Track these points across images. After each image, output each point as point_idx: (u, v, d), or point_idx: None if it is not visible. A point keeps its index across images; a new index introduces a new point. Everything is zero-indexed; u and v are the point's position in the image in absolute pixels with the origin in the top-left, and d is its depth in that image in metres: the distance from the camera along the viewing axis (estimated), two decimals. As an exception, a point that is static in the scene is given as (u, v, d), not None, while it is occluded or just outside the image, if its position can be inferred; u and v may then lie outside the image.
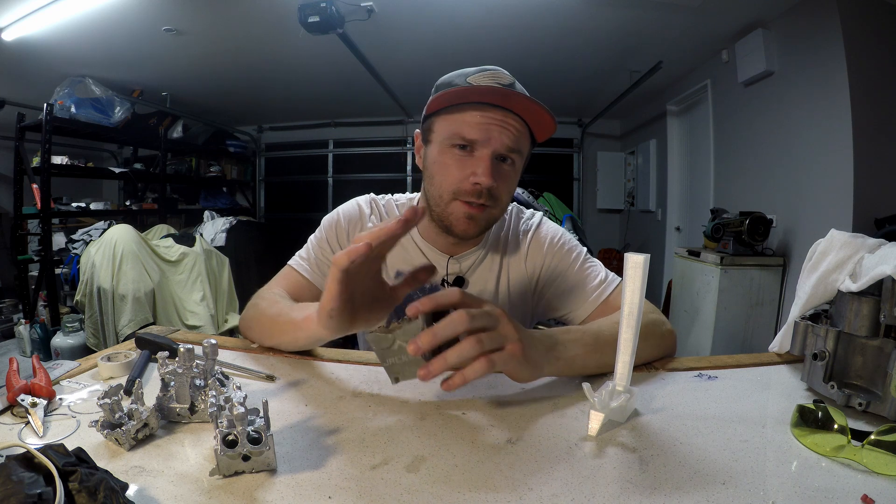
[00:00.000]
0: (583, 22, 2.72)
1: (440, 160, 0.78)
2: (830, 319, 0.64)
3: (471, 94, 0.73)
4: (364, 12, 2.56)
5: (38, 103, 3.01)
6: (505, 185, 0.78)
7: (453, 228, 0.79)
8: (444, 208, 0.78)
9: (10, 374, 0.56)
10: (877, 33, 2.15)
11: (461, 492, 0.41)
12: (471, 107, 0.74)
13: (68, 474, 0.34)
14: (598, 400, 0.51)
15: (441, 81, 0.80)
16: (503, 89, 0.72)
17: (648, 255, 0.51)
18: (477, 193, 0.75)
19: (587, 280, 0.87)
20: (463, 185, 0.76)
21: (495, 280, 0.90)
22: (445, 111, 0.77)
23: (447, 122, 0.77)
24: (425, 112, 0.81)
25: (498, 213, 0.81)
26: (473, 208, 0.76)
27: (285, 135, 5.59)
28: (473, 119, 0.74)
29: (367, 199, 0.95)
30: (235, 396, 0.43)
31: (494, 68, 0.77)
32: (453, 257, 0.88)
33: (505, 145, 0.75)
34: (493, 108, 0.74)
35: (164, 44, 2.95)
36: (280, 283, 0.87)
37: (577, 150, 5.32)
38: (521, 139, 0.77)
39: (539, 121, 0.77)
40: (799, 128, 2.44)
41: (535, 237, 0.92)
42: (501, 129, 0.74)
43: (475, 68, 0.78)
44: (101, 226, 3.18)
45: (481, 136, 0.74)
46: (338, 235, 0.91)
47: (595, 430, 0.50)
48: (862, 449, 0.44)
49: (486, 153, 0.74)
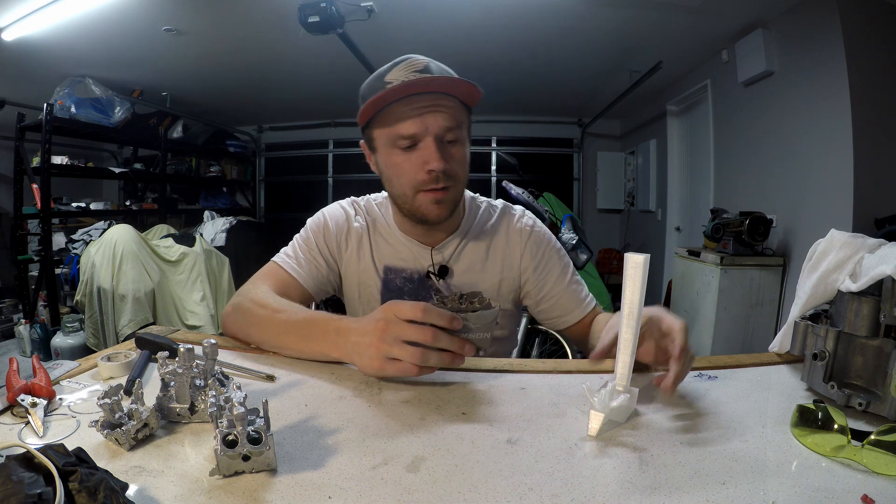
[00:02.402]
0: (583, 22, 2.72)
1: (390, 162, 0.82)
2: (830, 319, 0.64)
3: (391, 95, 0.75)
4: (364, 12, 2.56)
5: (38, 103, 3.01)
6: (457, 162, 0.81)
7: (427, 217, 0.83)
8: (411, 203, 0.83)
9: (10, 374, 0.56)
10: (877, 33, 2.15)
11: (461, 492, 0.41)
12: (397, 104, 0.77)
13: (68, 474, 0.34)
14: (598, 400, 0.50)
15: (363, 91, 0.83)
16: (419, 78, 0.75)
17: (648, 255, 0.52)
18: (434, 179, 0.79)
19: (579, 289, 0.95)
20: (419, 177, 0.79)
21: (481, 267, 0.93)
22: (377, 117, 0.80)
23: (383, 127, 0.80)
24: (360, 124, 0.84)
25: (461, 189, 0.86)
26: (437, 193, 0.80)
27: (285, 135, 5.59)
28: (404, 115, 0.77)
29: (348, 201, 1.00)
30: (235, 396, 0.43)
31: (406, 57, 0.80)
32: (435, 248, 0.92)
33: (442, 127, 0.78)
34: (417, 97, 0.76)
35: (164, 44, 2.95)
36: (265, 280, 0.88)
37: (577, 150, 5.32)
38: (455, 114, 0.79)
39: (462, 90, 0.79)
40: (799, 128, 2.44)
41: (535, 237, 0.95)
42: (433, 113, 0.77)
43: (388, 65, 0.80)
44: (101, 226, 3.18)
45: (417, 128, 0.77)
46: (325, 236, 0.94)
47: (595, 430, 0.50)
48: (862, 449, 0.44)
49: (429, 140, 0.78)
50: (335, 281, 0.96)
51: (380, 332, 0.59)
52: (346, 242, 0.94)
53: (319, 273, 0.92)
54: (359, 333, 0.62)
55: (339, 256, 0.95)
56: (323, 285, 0.93)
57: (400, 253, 0.92)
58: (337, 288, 0.98)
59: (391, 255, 0.93)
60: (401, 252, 0.92)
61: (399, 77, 0.76)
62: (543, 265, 0.94)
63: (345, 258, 0.95)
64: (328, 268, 0.93)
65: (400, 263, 0.93)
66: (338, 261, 0.95)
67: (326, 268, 0.93)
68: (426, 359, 0.58)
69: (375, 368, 0.60)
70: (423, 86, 0.75)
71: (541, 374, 0.67)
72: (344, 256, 0.95)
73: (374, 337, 0.59)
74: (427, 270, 0.92)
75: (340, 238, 0.94)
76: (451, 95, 0.79)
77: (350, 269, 0.95)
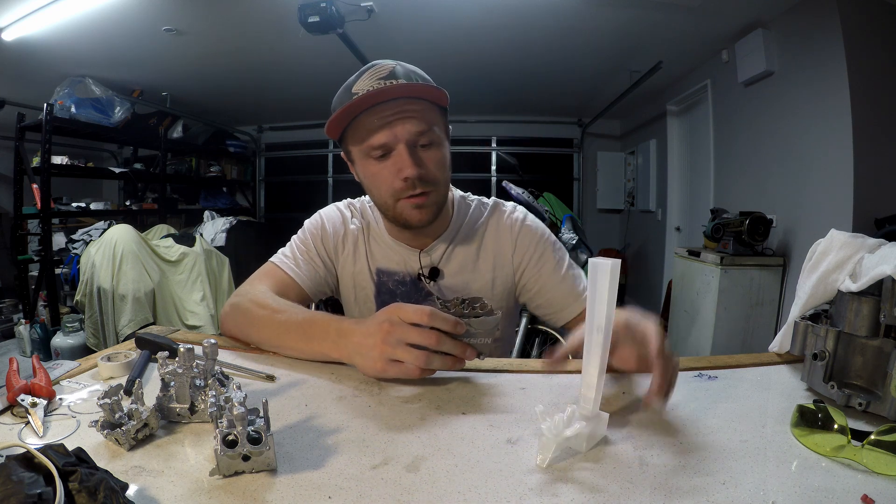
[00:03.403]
0: (583, 22, 2.72)
1: (367, 173, 0.82)
2: (830, 319, 0.64)
3: (358, 106, 0.75)
4: (364, 12, 2.56)
5: (38, 103, 3.01)
6: (433, 165, 0.81)
7: (410, 222, 0.83)
8: (393, 211, 0.83)
9: (10, 374, 0.56)
10: (877, 33, 2.15)
11: (461, 492, 0.41)
12: (364, 116, 0.77)
13: (68, 474, 0.34)
14: (547, 427, 0.44)
15: (333, 103, 0.83)
16: (383, 87, 0.74)
17: (619, 261, 0.48)
18: (411, 186, 0.78)
19: (576, 282, 0.92)
20: (395, 185, 0.79)
21: (472, 267, 0.93)
22: (349, 130, 0.81)
23: (355, 140, 0.81)
24: (333, 138, 0.85)
25: (442, 191, 0.85)
26: (417, 199, 0.80)
27: (285, 135, 5.58)
28: (372, 125, 0.77)
29: (344, 203, 1.00)
30: (235, 396, 0.43)
31: (372, 64, 0.80)
32: (423, 251, 0.91)
33: (412, 132, 0.77)
34: (385, 105, 0.76)
35: (164, 44, 2.95)
36: (263, 281, 0.88)
37: (577, 150, 5.32)
38: (425, 116, 0.78)
39: (430, 93, 0.79)
40: (799, 128, 2.44)
41: (525, 230, 0.94)
42: (401, 120, 0.76)
43: (356, 74, 0.80)
44: (101, 226, 3.18)
45: (387, 137, 0.77)
46: (322, 238, 0.94)
47: (544, 460, 0.44)
48: (862, 449, 0.44)
49: (401, 148, 0.77)
50: (332, 282, 0.96)
51: (384, 333, 0.59)
52: (342, 244, 0.95)
53: (317, 274, 0.92)
54: (362, 335, 0.62)
55: (335, 258, 0.95)
56: (320, 286, 0.93)
57: (390, 256, 0.93)
58: (334, 289, 0.98)
59: (383, 258, 0.93)
60: (391, 256, 0.93)
61: (364, 87, 0.76)
62: (536, 259, 0.92)
63: (341, 259, 0.95)
64: (325, 269, 0.93)
65: (391, 266, 0.93)
66: (335, 262, 0.95)
67: (324, 269, 0.93)
68: (430, 362, 0.58)
69: (378, 370, 0.60)
70: (383, 95, 0.75)
71: (541, 374, 0.67)
72: (340, 258, 0.95)
73: (378, 339, 0.59)
74: (418, 273, 0.92)
75: (337, 240, 0.95)
76: (419, 98, 0.78)
77: (346, 270, 0.95)
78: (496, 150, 5.30)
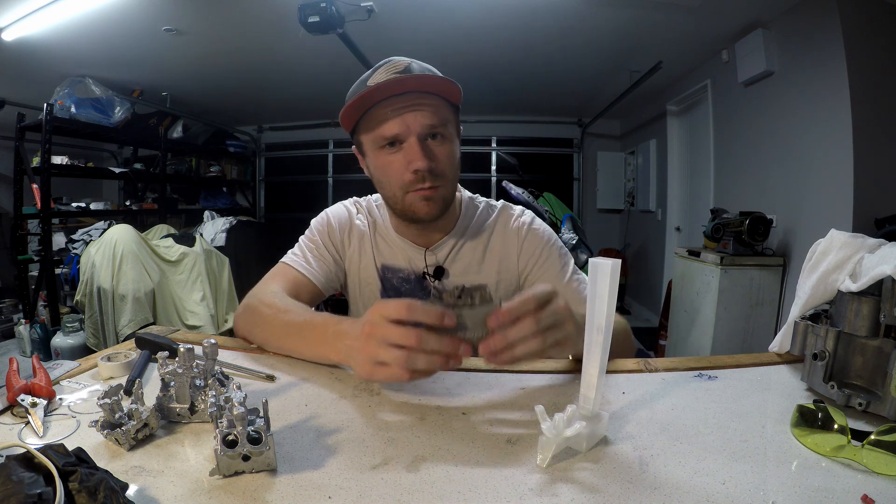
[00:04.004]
0: (583, 22, 2.72)
1: (378, 164, 0.82)
2: (830, 319, 0.63)
3: (373, 96, 0.76)
4: (364, 12, 2.56)
5: (38, 103, 3.01)
6: (444, 159, 0.81)
7: (418, 215, 0.83)
8: (401, 203, 0.83)
9: (10, 374, 0.56)
10: (877, 33, 2.15)
11: (461, 492, 0.41)
12: (378, 107, 0.78)
13: (68, 474, 0.34)
14: (547, 426, 0.44)
15: (347, 96, 0.83)
16: (398, 78, 0.75)
17: (619, 261, 0.48)
18: (421, 178, 0.79)
19: (580, 287, 0.92)
20: (405, 177, 0.79)
21: (478, 268, 0.93)
22: (362, 121, 0.81)
23: (367, 130, 0.81)
24: (346, 130, 0.85)
25: (451, 186, 0.85)
26: (425, 191, 0.80)
27: (285, 135, 5.58)
28: (386, 116, 0.77)
29: (350, 201, 1.01)
30: (235, 396, 0.43)
31: (389, 60, 0.80)
32: (429, 249, 0.92)
33: (424, 125, 0.77)
34: (398, 98, 0.76)
35: (164, 44, 2.95)
36: (276, 281, 0.88)
37: (577, 150, 5.32)
38: (438, 111, 0.79)
39: (441, 87, 0.79)
40: (799, 128, 2.44)
41: (532, 234, 0.94)
42: (414, 112, 0.77)
43: (372, 69, 0.81)
44: (101, 226, 3.18)
45: (399, 128, 0.77)
46: (329, 234, 0.95)
47: (545, 460, 0.45)
48: (862, 449, 0.44)
49: (412, 140, 0.78)
50: (342, 277, 0.97)
51: (366, 335, 0.54)
52: (349, 240, 0.96)
53: (328, 269, 0.93)
54: (351, 337, 0.59)
55: (343, 253, 0.96)
56: (332, 282, 0.94)
57: (396, 254, 0.93)
58: (343, 284, 0.99)
59: (388, 254, 0.94)
60: (397, 253, 0.93)
61: (380, 80, 0.77)
62: (542, 263, 0.93)
63: (348, 255, 0.96)
64: (335, 263, 0.94)
65: (397, 263, 0.94)
66: (342, 256, 0.96)
67: (334, 263, 0.94)
68: (412, 362, 0.52)
69: (366, 373, 0.55)
70: (399, 86, 0.75)
71: (541, 374, 0.67)
72: (347, 253, 0.96)
73: (362, 340, 0.55)
74: (423, 272, 0.92)
75: (344, 235, 0.95)
76: (433, 94, 0.79)
77: (353, 266, 0.96)
78: (496, 150, 5.30)
